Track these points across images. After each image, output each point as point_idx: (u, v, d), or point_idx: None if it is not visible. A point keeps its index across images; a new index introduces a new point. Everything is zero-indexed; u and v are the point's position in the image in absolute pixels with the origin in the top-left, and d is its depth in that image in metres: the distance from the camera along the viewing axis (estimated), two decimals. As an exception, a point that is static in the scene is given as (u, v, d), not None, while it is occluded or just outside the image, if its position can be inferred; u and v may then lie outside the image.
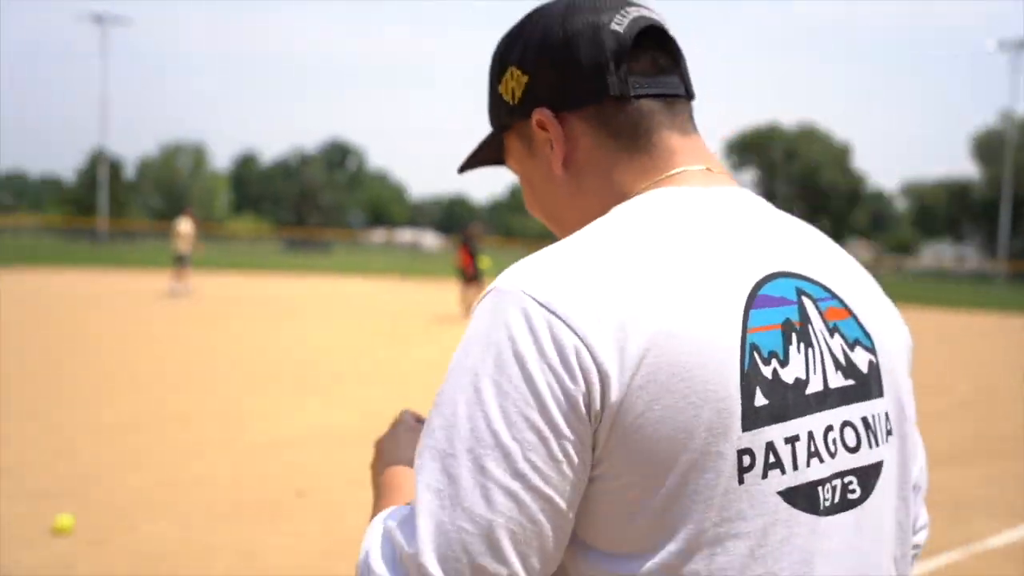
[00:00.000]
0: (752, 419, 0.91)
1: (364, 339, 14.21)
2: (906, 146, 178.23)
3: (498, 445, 0.87)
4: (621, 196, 1.06)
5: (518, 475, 0.87)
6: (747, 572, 0.90)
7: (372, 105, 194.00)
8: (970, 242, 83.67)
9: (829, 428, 0.96)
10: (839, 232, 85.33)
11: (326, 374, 10.35)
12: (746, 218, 1.03)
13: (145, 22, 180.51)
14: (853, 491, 0.98)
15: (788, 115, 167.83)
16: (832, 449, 0.96)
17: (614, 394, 0.88)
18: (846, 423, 0.98)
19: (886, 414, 1.03)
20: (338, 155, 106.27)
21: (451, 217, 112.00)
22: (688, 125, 1.09)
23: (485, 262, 17.43)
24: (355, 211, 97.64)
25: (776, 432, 0.92)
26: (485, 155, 1.21)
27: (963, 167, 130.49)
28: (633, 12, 1.06)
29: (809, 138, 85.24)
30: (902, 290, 39.74)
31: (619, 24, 1.05)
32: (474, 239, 17.85)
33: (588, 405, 0.88)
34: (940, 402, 10.07)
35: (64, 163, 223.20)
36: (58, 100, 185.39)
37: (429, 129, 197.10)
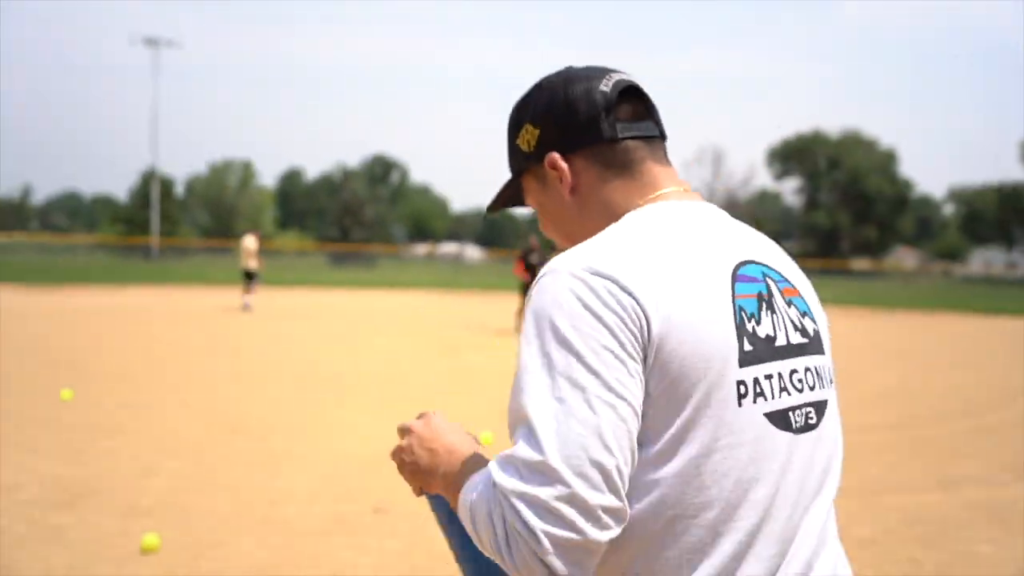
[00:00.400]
0: (743, 359, 1.24)
1: (423, 352, 14.29)
2: (954, 151, 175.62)
3: (589, 370, 1.14)
4: (619, 213, 1.36)
5: (609, 388, 1.14)
6: (746, 472, 1.21)
7: (414, 120, 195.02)
8: (1022, 247, 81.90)
9: (794, 371, 1.31)
10: (884, 239, 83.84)
11: (390, 388, 10.40)
12: (719, 222, 1.37)
13: (194, 44, 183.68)
14: (812, 418, 1.32)
15: (832, 121, 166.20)
16: (798, 387, 1.31)
17: (656, 333, 1.18)
18: (806, 368, 1.33)
19: (828, 367, 1.40)
20: (381, 170, 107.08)
21: (493, 230, 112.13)
22: (665, 158, 1.42)
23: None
24: (398, 225, 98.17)
25: (759, 370, 1.26)
26: (507, 196, 1.53)
27: (1013, 172, 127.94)
28: (616, 76, 1.40)
29: (853, 144, 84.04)
30: (948, 298, 38.93)
31: (606, 86, 1.38)
32: (532, 252, 18.15)
33: (640, 337, 1.17)
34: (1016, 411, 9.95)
35: (116, 183, 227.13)
36: (111, 121, 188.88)
37: (471, 142, 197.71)
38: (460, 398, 9.53)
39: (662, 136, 1.42)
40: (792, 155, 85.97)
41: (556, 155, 1.39)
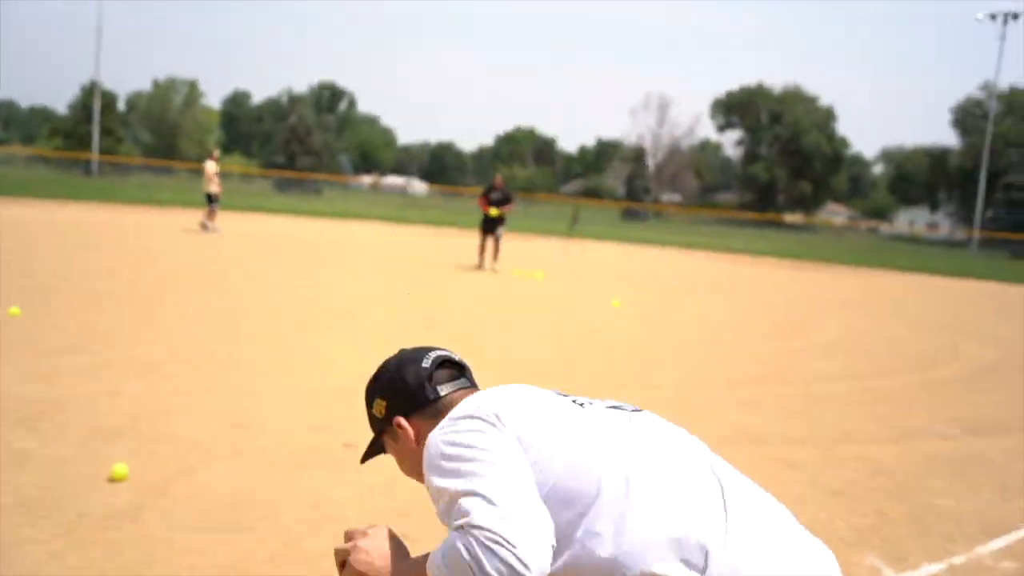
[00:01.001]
0: (572, 398, 1.89)
1: (385, 285, 14.16)
2: (890, 113, 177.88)
3: (476, 460, 1.64)
4: None
5: (489, 465, 1.63)
6: (611, 443, 1.72)
7: (363, 50, 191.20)
8: (945, 210, 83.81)
9: (615, 404, 1.89)
10: (818, 196, 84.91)
11: (359, 323, 10.28)
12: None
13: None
14: (637, 409, 1.89)
15: (775, 76, 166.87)
16: (620, 406, 1.88)
17: (514, 427, 1.72)
18: (623, 404, 1.91)
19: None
20: (328, 97, 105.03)
21: (437, 164, 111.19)
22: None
23: (493, 212, 18.12)
24: (344, 155, 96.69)
25: (585, 400, 1.88)
26: (374, 449, 2.06)
27: (943, 138, 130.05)
28: (434, 354, 1.98)
29: (794, 100, 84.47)
30: (877, 254, 39.87)
31: (426, 362, 1.97)
32: (494, 190, 18.45)
33: (503, 427, 1.72)
34: (957, 368, 10.25)
35: (55, 95, 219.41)
36: (51, 31, 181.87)
37: (419, 75, 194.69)
38: (412, 335, 9.49)
39: (474, 385, 2.01)
40: (735, 107, 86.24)
41: (400, 418, 1.94)
